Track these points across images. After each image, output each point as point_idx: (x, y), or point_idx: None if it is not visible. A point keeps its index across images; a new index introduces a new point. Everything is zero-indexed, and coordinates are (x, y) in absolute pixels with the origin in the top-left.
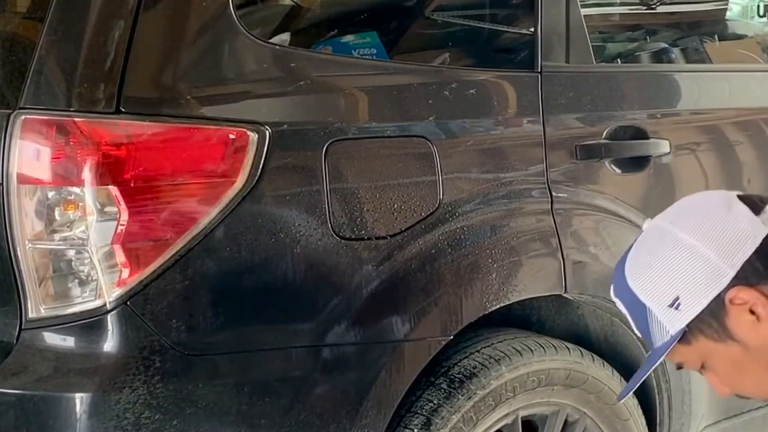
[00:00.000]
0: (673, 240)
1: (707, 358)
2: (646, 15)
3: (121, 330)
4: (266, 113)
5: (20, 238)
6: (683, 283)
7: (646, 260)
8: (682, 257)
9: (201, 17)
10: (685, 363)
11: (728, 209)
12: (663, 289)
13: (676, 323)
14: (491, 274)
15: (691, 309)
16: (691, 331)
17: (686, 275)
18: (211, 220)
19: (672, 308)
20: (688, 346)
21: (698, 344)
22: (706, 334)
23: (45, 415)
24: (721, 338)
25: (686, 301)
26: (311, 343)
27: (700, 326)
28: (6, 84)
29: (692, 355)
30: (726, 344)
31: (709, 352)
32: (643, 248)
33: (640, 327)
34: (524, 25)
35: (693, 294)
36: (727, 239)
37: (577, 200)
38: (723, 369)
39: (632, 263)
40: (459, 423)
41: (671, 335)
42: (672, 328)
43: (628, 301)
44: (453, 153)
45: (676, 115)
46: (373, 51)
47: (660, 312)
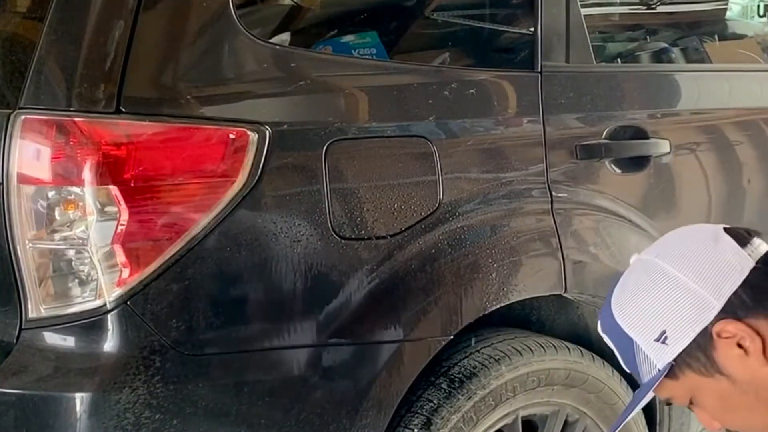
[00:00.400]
0: (658, 273)
1: (695, 392)
2: (646, 15)
3: (121, 330)
4: (266, 113)
5: (20, 238)
6: (670, 316)
7: (632, 294)
8: (668, 290)
9: (201, 17)
10: (673, 398)
11: (714, 242)
12: (649, 323)
13: (663, 357)
14: (491, 274)
15: (678, 343)
16: (679, 365)
17: (673, 308)
18: (211, 220)
19: (659, 342)
20: (676, 380)
21: (686, 379)
22: (693, 369)
23: (45, 415)
24: (708, 372)
25: (673, 334)
26: (311, 343)
27: (688, 360)
28: (6, 84)
29: (680, 390)
30: (714, 378)
31: (697, 386)
32: (629, 282)
33: (627, 362)
34: (524, 24)
35: (680, 327)
36: (713, 272)
37: (577, 200)
38: (711, 404)
39: (618, 298)
40: (459, 423)
41: (658, 369)
42: (659, 362)
43: (615, 336)
44: (453, 153)
45: (676, 115)
46: (373, 51)
47: (647, 346)
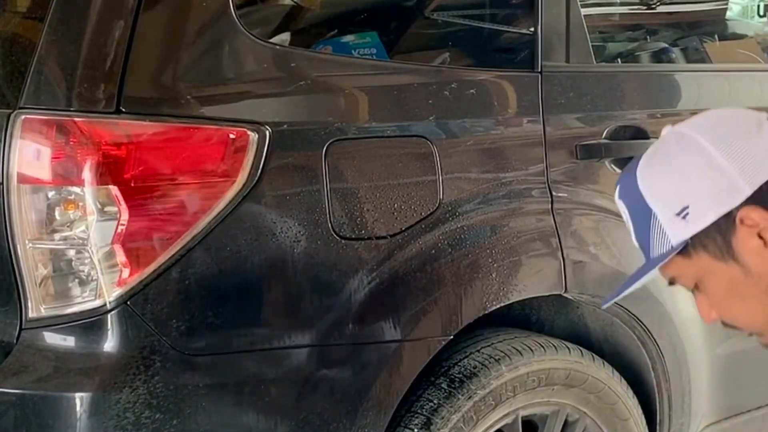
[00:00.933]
0: (694, 147)
1: (703, 276)
2: (646, 15)
3: (121, 330)
4: (266, 113)
5: (20, 238)
6: (696, 193)
7: (662, 164)
8: (700, 166)
9: (201, 17)
10: (678, 278)
11: (758, 129)
12: (673, 196)
13: (680, 234)
14: (491, 273)
15: (699, 221)
16: (694, 244)
17: (701, 186)
18: (211, 220)
19: (679, 217)
20: (688, 259)
21: (698, 259)
22: (708, 250)
23: (45, 415)
24: (723, 257)
25: (695, 212)
26: (311, 342)
27: (704, 241)
28: (6, 84)
29: (689, 270)
30: (727, 264)
31: (708, 270)
32: (660, 152)
33: (639, 233)
34: (524, 24)
35: (704, 206)
36: (750, 157)
37: (577, 200)
38: (717, 290)
39: (646, 165)
40: (459, 423)
41: (672, 246)
42: (674, 238)
43: (633, 204)
44: (453, 153)
45: (676, 115)
46: (373, 51)
47: (665, 219)
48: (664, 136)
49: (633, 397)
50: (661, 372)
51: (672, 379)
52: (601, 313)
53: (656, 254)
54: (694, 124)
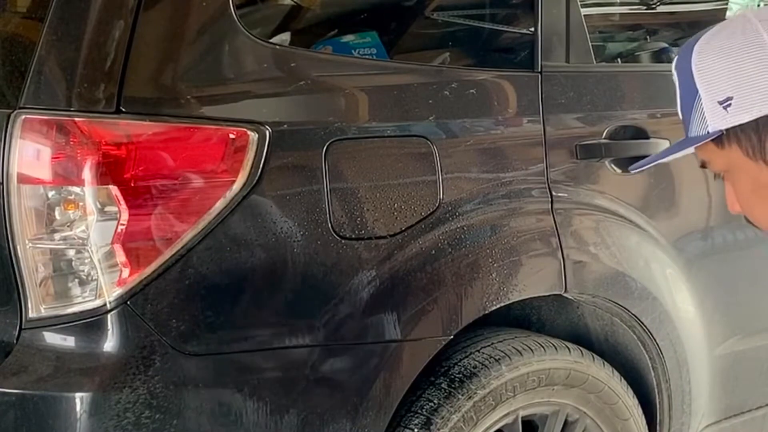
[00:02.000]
0: (755, 39)
1: (732, 168)
2: (646, 15)
3: (121, 330)
4: (266, 113)
5: (20, 238)
6: (743, 86)
7: (718, 48)
8: (754, 60)
9: (201, 17)
10: (710, 163)
11: None
12: (721, 83)
13: (718, 123)
14: (491, 273)
15: (739, 115)
16: (728, 136)
17: (750, 80)
18: (211, 220)
19: (720, 106)
20: (720, 149)
21: (730, 151)
22: (741, 145)
23: (45, 415)
24: (754, 155)
25: (737, 104)
26: (311, 342)
27: (740, 135)
28: (6, 84)
29: (720, 159)
30: (757, 164)
31: (738, 164)
32: (721, 33)
33: (684, 109)
34: (524, 24)
35: (747, 101)
36: None
37: (577, 200)
38: (743, 187)
39: (705, 44)
40: (459, 423)
41: (708, 131)
42: (712, 125)
43: (683, 79)
44: (453, 153)
45: (676, 115)
46: (373, 51)
47: (708, 104)
48: (732, 19)
49: (633, 397)
50: (661, 372)
51: (672, 379)
52: (601, 313)
53: (693, 134)
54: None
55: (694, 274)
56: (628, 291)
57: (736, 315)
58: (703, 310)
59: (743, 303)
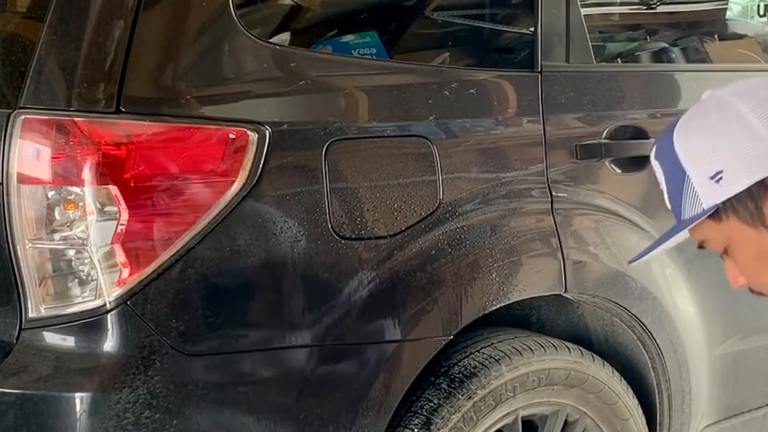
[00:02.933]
0: (732, 112)
1: (732, 241)
2: (646, 15)
3: (121, 330)
4: (266, 113)
5: (20, 238)
6: (731, 158)
7: (699, 127)
8: (737, 132)
9: (201, 17)
10: (708, 241)
11: None
12: (708, 160)
13: (712, 197)
14: (491, 273)
15: (732, 186)
16: (725, 209)
17: (736, 151)
18: (211, 220)
19: (712, 181)
20: (718, 223)
21: (728, 224)
22: (739, 216)
23: (45, 415)
24: (754, 223)
25: (729, 177)
26: (311, 342)
27: (736, 206)
28: (6, 84)
29: (719, 235)
30: (758, 231)
31: (738, 235)
32: (697, 115)
33: (672, 195)
34: (524, 24)
35: (738, 171)
36: None
37: (578, 200)
38: (747, 256)
39: (683, 127)
40: (459, 423)
41: (703, 209)
42: (706, 201)
43: (668, 166)
44: (453, 153)
45: (676, 115)
46: (373, 51)
47: (699, 182)
48: (703, 100)
49: (633, 397)
50: (661, 372)
51: (672, 379)
52: (601, 313)
53: (688, 216)
54: (735, 90)
55: (694, 274)
56: (628, 291)
57: (736, 315)
58: (703, 310)
59: (743, 303)
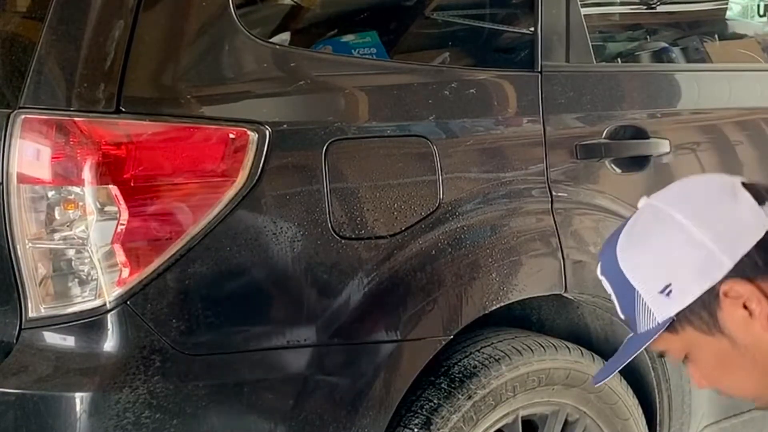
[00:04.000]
0: (670, 224)
1: (692, 349)
2: (646, 15)
3: (121, 329)
4: (266, 113)
5: (20, 238)
6: (677, 270)
7: (640, 242)
8: (679, 243)
9: (201, 17)
10: (668, 352)
11: (733, 197)
12: (655, 275)
13: (665, 311)
14: (491, 273)
15: (683, 298)
16: (680, 320)
17: (681, 263)
18: (211, 220)
19: (662, 295)
20: (675, 335)
21: (685, 334)
22: (694, 325)
23: (45, 415)
24: (710, 331)
25: (678, 289)
26: (311, 342)
27: (690, 317)
28: (6, 84)
29: (677, 344)
30: (714, 337)
31: (696, 343)
32: (637, 229)
33: (625, 309)
34: (524, 24)
35: (686, 283)
36: (727, 229)
37: (578, 200)
38: (707, 362)
39: (624, 244)
40: (459, 422)
41: (658, 323)
42: (660, 315)
43: (616, 282)
44: (453, 152)
45: (676, 115)
46: (373, 50)
47: (649, 297)
48: (640, 210)
49: (633, 397)
50: (661, 372)
51: (672, 379)
52: (601, 313)
53: (643, 329)
54: (668, 198)
55: None
56: None
57: None
58: None
59: None
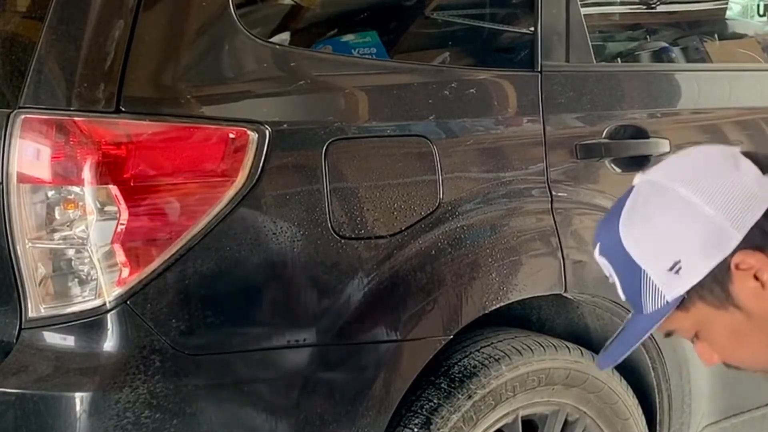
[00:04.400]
0: (675, 198)
1: (703, 326)
2: (646, 14)
3: (120, 329)
4: (266, 112)
5: (20, 238)
6: (685, 246)
7: (644, 219)
8: (685, 218)
9: (201, 17)
10: (677, 330)
11: (735, 167)
12: (662, 252)
13: (675, 289)
14: (491, 273)
15: (693, 275)
16: (690, 297)
17: (689, 238)
18: (211, 220)
19: (671, 272)
20: (686, 312)
21: (696, 311)
22: (706, 301)
23: (45, 415)
24: (722, 305)
25: (688, 265)
26: (311, 342)
27: (701, 292)
28: (6, 83)
29: (687, 322)
30: (728, 311)
31: (708, 319)
32: (639, 206)
33: (628, 290)
34: (524, 24)
35: (696, 258)
36: (734, 200)
37: (577, 199)
38: (720, 337)
39: (628, 221)
40: (459, 422)
41: (667, 301)
42: (669, 293)
43: (618, 262)
44: (453, 152)
45: (676, 115)
46: (373, 50)
47: (657, 276)
48: (639, 188)
49: (633, 397)
50: (661, 372)
51: (672, 379)
52: (601, 313)
53: (651, 310)
54: (670, 172)
55: None
56: None
57: None
58: None
59: None
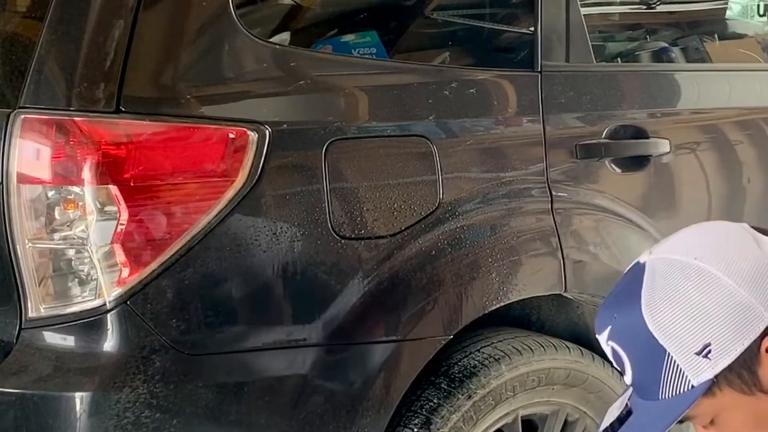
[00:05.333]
0: (703, 277)
1: (725, 412)
2: (646, 14)
3: (120, 329)
4: (266, 113)
5: (20, 238)
6: (716, 327)
7: (671, 299)
8: (715, 297)
9: (201, 17)
10: (695, 417)
11: (757, 245)
12: (692, 334)
13: (703, 373)
14: (491, 273)
15: (724, 358)
16: (718, 382)
17: (720, 318)
18: (210, 220)
19: (700, 356)
20: (712, 398)
21: (723, 396)
22: (734, 386)
23: (45, 415)
24: (750, 390)
25: (718, 348)
26: (311, 342)
27: (730, 377)
28: (6, 83)
29: (711, 408)
30: (755, 397)
31: (730, 405)
32: (660, 285)
33: (642, 375)
34: (524, 24)
35: (727, 341)
36: (762, 278)
37: (577, 200)
38: (741, 423)
39: (651, 302)
40: (459, 422)
41: (692, 386)
42: (696, 378)
43: (636, 346)
44: (453, 152)
45: (676, 115)
46: (373, 50)
47: (684, 360)
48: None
49: None
50: None
51: None
52: None
53: (669, 396)
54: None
55: None
56: None
57: None
58: None
59: None
